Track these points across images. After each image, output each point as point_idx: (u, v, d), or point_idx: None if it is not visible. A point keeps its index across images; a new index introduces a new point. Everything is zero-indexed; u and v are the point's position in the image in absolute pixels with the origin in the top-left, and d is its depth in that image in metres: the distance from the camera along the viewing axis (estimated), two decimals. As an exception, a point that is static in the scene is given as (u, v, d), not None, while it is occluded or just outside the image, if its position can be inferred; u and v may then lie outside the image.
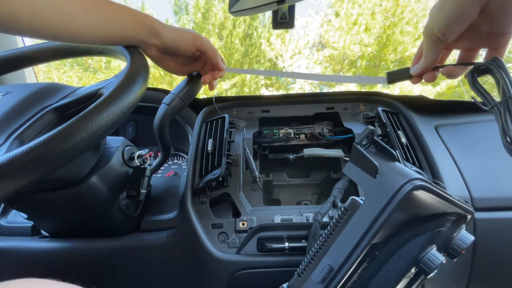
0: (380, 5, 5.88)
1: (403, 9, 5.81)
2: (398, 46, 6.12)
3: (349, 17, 6.05)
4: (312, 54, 6.76)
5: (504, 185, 0.51)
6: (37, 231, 0.57)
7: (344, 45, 6.26)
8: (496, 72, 0.31)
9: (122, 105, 0.33)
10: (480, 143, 0.57)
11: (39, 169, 0.27)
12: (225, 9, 5.54)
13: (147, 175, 0.51)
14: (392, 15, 5.86)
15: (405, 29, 5.94)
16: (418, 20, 5.88)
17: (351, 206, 0.34)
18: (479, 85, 0.34)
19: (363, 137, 0.35)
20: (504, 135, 0.30)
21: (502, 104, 0.30)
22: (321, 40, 6.67)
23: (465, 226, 0.37)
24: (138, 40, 0.43)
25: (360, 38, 6.15)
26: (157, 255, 0.53)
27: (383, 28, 6.03)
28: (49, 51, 0.50)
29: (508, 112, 0.30)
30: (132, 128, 0.80)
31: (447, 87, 5.74)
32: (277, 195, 0.64)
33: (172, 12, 6.16)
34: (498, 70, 0.31)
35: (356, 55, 6.38)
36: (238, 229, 0.49)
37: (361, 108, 0.64)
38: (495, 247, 0.49)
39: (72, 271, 0.54)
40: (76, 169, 0.43)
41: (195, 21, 5.85)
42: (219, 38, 5.77)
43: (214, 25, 5.74)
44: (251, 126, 0.62)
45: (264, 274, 0.47)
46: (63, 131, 0.29)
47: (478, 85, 0.34)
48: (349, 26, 6.11)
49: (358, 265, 0.33)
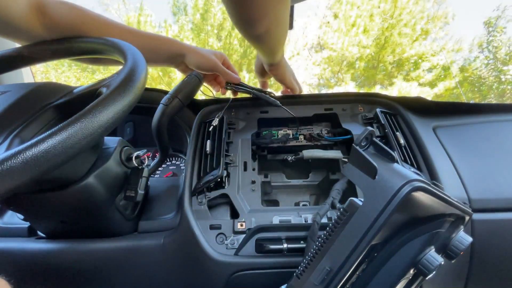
0: (378, 7, 5.91)
1: (401, 11, 5.85)
2: (396, 48, 6.15)
3: (348, 18, 6.08)
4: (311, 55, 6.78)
5: (502, 186, 0.51)
6: (34, 232, 0.57)
7: (342, 46, 6.29)
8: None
9: (123, 103, 0.33)
10: (478, 145, 0.57)
11: (40, 167, 0.27)
12: (224, 10, 5.54)
13: (145, 176, 0.51)
14: (390, 17, 5.89)
15: (403, 31, 5.97)
16: (416, 22, 5.92)
17: (350, 207, 0.34)
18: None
19: (362, 138, 0.35)
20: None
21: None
22: (320, 41, 6.70)
23: (463, 227, 0.37)
24: (171, 61, 0.62)
25: (358, 40, 6.18)
26: (155, 256, 0.52)
27: (381, 30, 6.07)
28: (47, 51, 0.50)
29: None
30: (130, 129, 0.80)
31: (445, 89, 5.78)
32: (275, 196, 0.64)
33: (170, 12, 6.17)
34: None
35: (354, 56, 6.41)
36: (237, 230, 0.49)
37: (360, 109, 0.64)
38: (493, 248, 0.49)
39: (68, 272, 0.54)
40: (73, 169, 0.43)
41: (194, 22, 5.85)
42: (217, 39, 5.78)
43: (213, 26, 5.74)
44: (250, 127, 0.62)
45: (263, 275, 0.47)
46: (65, 128, 0.28)
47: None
48: (348, 28, 6.14)
49: (357, 266, 0.33)
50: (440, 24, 6.31)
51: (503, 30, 6.62)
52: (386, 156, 0.35)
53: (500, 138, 0.58)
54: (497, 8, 6.73)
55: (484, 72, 6.50)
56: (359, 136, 0.35)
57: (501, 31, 6.63)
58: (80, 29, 0.51)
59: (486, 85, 6.38)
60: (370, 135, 0.36)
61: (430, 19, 6.10)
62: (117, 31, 0.55)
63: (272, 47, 0.55)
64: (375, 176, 0.33)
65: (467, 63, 6.62)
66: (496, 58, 6.53)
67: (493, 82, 6.44)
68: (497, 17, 6.72)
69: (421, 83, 5.96)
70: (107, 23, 0.54)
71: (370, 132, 0.35)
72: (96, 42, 0.48)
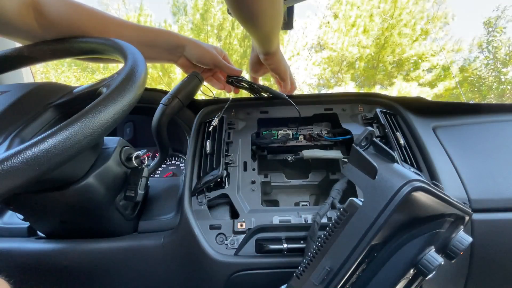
0: (378, 7, 5.91)
1: (401, 11, 5.85)
2: (396, 48, 6.15)
3: (348, 18, 6.08)
4: (311, 55, 6.78)
5: (502, 186, 0.51)
6: (34, 232, 0.56)
7: (342, 46, 6.29)
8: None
9: (123, 103, 0.33)
10: (478, 145, 0.57)
11: (40, 166, 0.27)
12: (223, 10, 5.54)
13: (145, 176, 0.51)
14: (390, 17, 5.90)
15: (403, 31, 5.97)
16: (415, 22, 5.92)
17: (350, 207, 0.34)
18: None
19: (362, 138, 0.35)
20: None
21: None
22: (320, 41, 6.70)
23: (463, 227, 0.37)
24: (170, 53, 0.60)
25: (358, 40, 6.19)
26: (154, 256, 0.52)
27: (381, 30, 6.07)
28: (47, 51, 0.50)
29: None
30: (130, 129, 0.80)
31: (445, 89, 5.78)
32: (275, 196, 0.64)
33: (170, 12, 6.16)
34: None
35: (354, 56, 6.42)
36: (236, 230, 0.49)
37: (360, 109, 0.64)
38: (493, 248, 0.49)
39: (68, 272, 0.54)
40: (73, 169, 0.43)
41: (194, 22, 5.85)
42: (217, 39, 5.78)
43: (213, 26, 5.74)
44: (250, 127, 0.62)
45: (263, 275, 0.47)
46: (65, 128, 0.28)
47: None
48: (348, 28, 6.14)
49: (357, 266, 0.33)
50: (440, 24, 6.32)
51: (503, 30, 6.62)
52: (386, 156, 0.35)
53: (500, 138, 0.58)
54: (496, 8, 6.74)
55: (484, 72, 6.51)
56: (359, 136, 0.35)
57: (500, 31, 6.64)
58: (77, 26, 0.50)
59: (486, 85, 6.39)
60: (370, 135, 0.36)
61: (430, 19, 6.10)
62: (114, 27, 0.54)
63: (267, 31, 0.53)
64: (375, 176, 0.33)
65: (467, 63, 6.63)
66: (496, 58, 6.54)
67: (493, 82, 6.44)
68: (496, 17, 6.73)
69: (421, 83, 5.96)
70: (105, 18, 0.54)
71: (370, 132, 0.35)
72: (96, 42, 0.48)
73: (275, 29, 0.55)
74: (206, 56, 0.60)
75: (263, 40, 0.58)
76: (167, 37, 0.59)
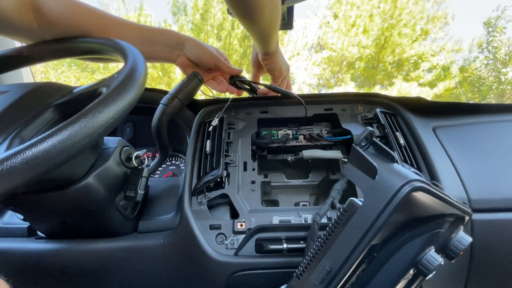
0: (378, 7, 5.91)
1: (401, 11, 5.85)
2: (396, 48, 6.15)
3: (348, 19, 6.08)
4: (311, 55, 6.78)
5: (502, 186, 0.51)
6: (33, 232, 0.56)
7: (342, 46, 6.29)
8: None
9: (123, 102, 0.33)
10: (478, 145, 0.57)
11: (40, 166, 0.27)
12: (223, 10, 5.54)
13: (144, 176, 0.51)
14: (390, 17, 5.90)
15: (403, 31, 5.97)
16: (415, 22, 5.92)
17: (350, 207, 0.34)
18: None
19: (362, 138, 0.35)
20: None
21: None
22: (320, 41, 6.70)
23: (463, 227, 0.37)
24: (170, 51, 0.60)
25: (358, 40, 6.19)
26: (154, 257, 0.52)
27: (381, 30, 6.07)
28: (47, 51, 0.50)
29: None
30: (130, 129, 0.80)
31: (445, 89, 5.78)
32: (275, 196, 0.63)
33: (170, 13, 6.17)
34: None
35: (354, 56, 6.41)
36: (236, 230, 0.49)
37: (360, 109, 0.64)
38: (493, 248, 0.49)
39: (68, 272, 0.54)
40: (73, 169, 0.43)
41: (194, 22, 5.85)
42: (217, 39, 5.78)
43: (213, 26, 5.74)
44: (250, 127, 0.62)
45: (263, 275, 0.47)
46: (65, 128, 0.28)
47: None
48: (348, 28, 6.14)
49: (357, 266, 0.33)
50: (439, 24, 6.32)
51: (503, 31, 6.63)
52: (386, 156, 0.35)
53: (500, 138, 0.58)
54: (496, 9, 6.74)
55: (483, 72, 6.51)
56: (359, 136, 0.35)
57: (500, 31, 6.64)
58: (77, 25, 0.50)
59: (485, 85, 6.39)
60: (370, 135, 0.36)
61: (430, 19, 6.11)
62: (115, 25, 0.54)
63: (266, 27, 0.53)
64: (375, 176, 0.33)
65: (466, 63, 6.63)
66: (496, 59, 6.54)
67: (493, 82, 6.44)
68: (496, 18, 6.73)
69: (420, 83, 5.96)
70: (105, 17, 0.54)
71: (370, 132, 0.36)
72: (96, 42, 0.48)
73: (273, 26, 0.54)
74: (206, 54, 0.60)
75: (262, 38, 0.57)
76: (168, 35, 0.59)
